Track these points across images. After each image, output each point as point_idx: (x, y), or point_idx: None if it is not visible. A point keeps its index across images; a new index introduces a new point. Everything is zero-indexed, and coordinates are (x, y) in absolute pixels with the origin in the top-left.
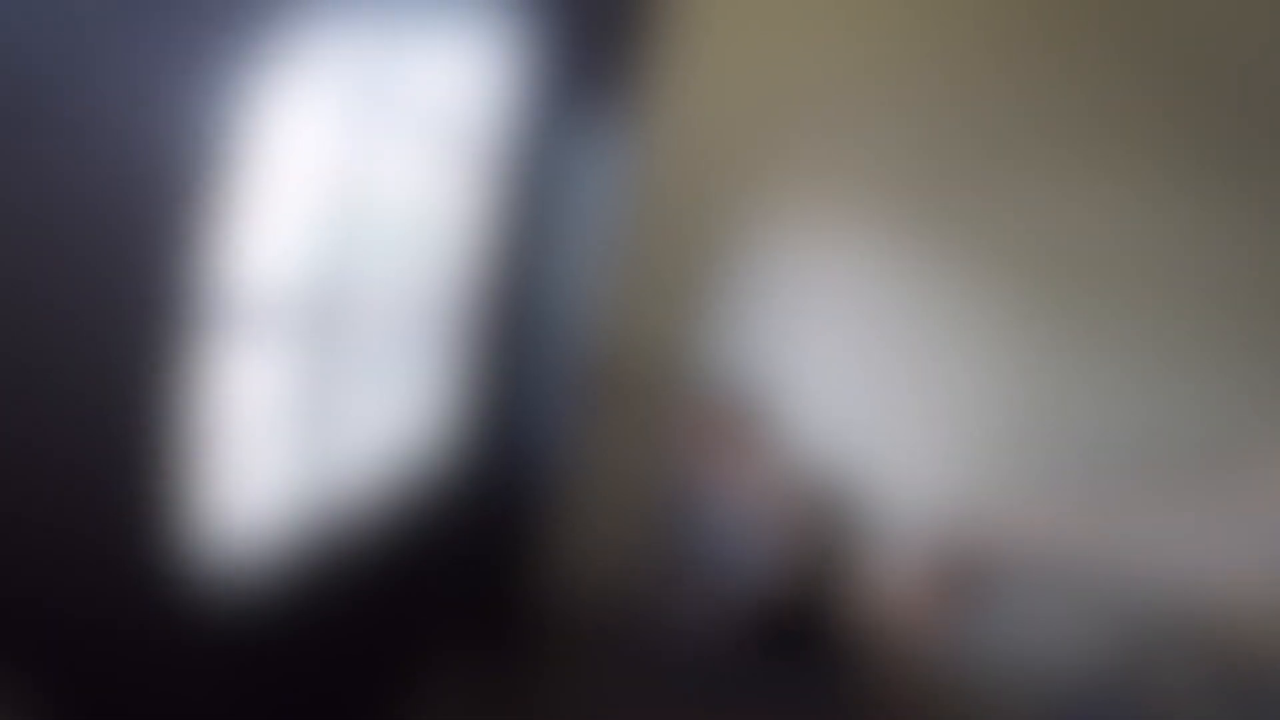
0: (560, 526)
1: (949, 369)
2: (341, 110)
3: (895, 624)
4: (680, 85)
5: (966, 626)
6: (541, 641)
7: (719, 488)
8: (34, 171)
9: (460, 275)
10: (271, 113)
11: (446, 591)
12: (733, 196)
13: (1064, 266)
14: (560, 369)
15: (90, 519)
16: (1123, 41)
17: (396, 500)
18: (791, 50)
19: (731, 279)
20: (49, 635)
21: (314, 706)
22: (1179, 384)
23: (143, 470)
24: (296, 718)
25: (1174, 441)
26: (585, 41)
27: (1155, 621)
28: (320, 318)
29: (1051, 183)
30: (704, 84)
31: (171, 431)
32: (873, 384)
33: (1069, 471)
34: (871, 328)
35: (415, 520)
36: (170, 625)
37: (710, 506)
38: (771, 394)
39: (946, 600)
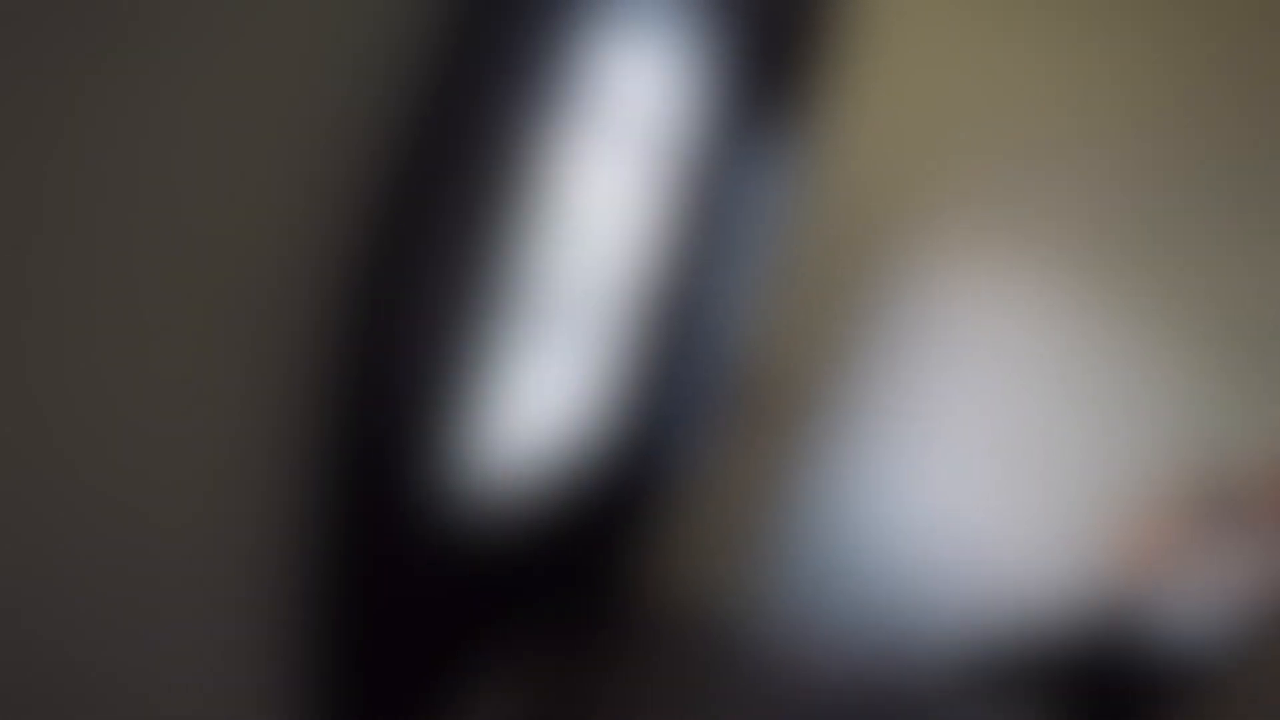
0: (681, 523)
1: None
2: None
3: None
4: (859, 104)
5: None
6: (642, 630)
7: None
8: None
9: (631, 276)
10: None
11: (558, 565)
12: (904, 226)
13: (1252, 334)
14: (707, 377)
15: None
16: None
17: (559, 472)
18: (979, 74)
19: (890, 312)
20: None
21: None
22: None
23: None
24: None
25: None
26: (766, 54)
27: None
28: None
29: (1245, 249)
30: (885, 105)
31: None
32: (1021, 437)
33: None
34: (1030, 378)
35: (565, 493)
36: (427, 551)
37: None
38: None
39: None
